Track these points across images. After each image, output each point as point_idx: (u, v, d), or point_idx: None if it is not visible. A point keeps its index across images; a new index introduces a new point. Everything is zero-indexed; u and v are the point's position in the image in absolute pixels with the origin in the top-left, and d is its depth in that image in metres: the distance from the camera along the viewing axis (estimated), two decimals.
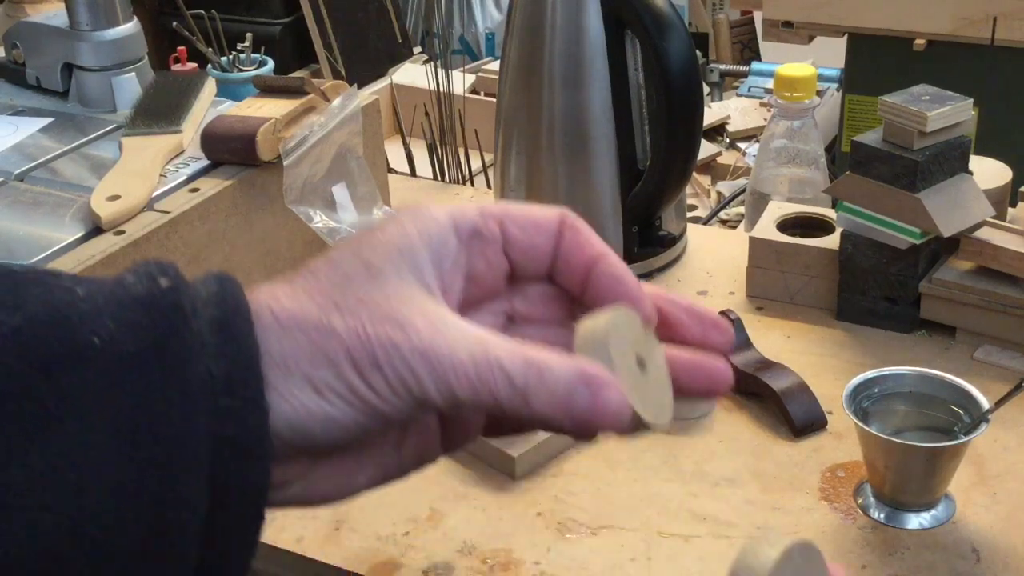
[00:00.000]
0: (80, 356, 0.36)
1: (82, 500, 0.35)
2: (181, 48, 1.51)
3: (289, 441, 0.40)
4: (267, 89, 1.09)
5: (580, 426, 0.41)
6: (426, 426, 0.47)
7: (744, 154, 1.66)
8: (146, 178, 0.98)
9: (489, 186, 1.38)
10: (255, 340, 0.39)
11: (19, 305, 0.37)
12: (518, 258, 0.47)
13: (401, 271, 0.42)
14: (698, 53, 1.08)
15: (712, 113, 1.77)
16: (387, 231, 0.43)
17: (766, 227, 1.05)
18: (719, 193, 1.53)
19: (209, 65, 1.51)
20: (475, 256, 0.46)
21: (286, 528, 0.81)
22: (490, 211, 0.46)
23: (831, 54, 1.77)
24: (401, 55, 1.81)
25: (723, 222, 1.44)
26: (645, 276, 1.10)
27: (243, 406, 0.38)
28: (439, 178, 1.39)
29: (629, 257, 1.08)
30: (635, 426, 0.42)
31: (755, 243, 1.04)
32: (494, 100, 1.15)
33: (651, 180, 1.04)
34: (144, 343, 0.37)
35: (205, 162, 1.02)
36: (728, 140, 1.72)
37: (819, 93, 1.68)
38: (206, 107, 1.13)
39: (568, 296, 0.47)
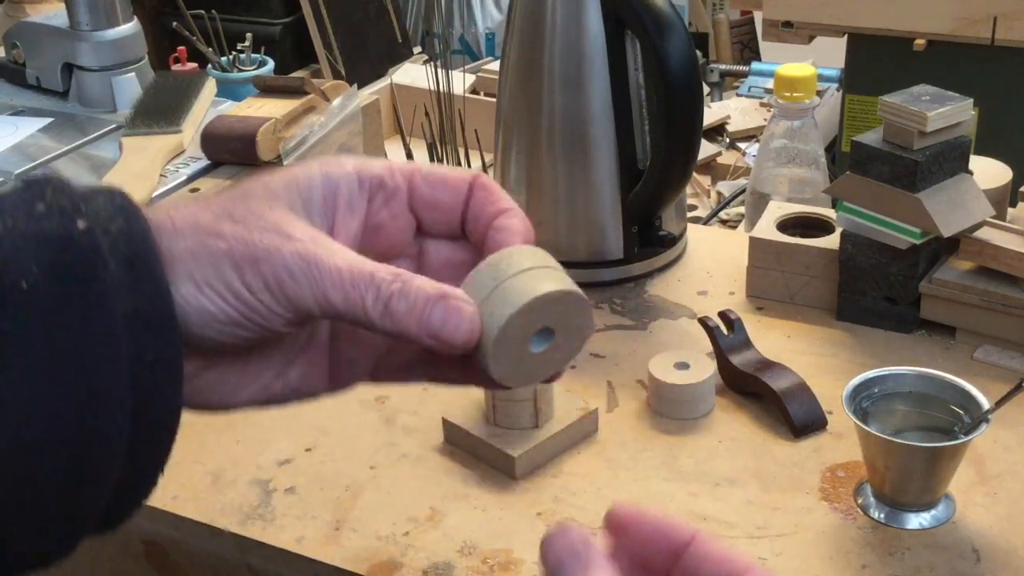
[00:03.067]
0: (10, 300, 0.39)
1: (22, 428, 0.39)
2: (181, 48, 1.51)
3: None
4: (267, 89, 1.09)
5: (433, 339, 0.45)
6: (311, 357, 0.50)
7: (744, 154, 1.66)
8: (146, 178, 0.98)
9: None
10: (164, 275, 0.42)
11: None
12: (424, 214, 0.50)
13: (294, 203, 0.46)
14: (698, 53, 1.08)
15: (712, 113, 1.76)
16: (295, 169, 0.47)
17: (766, 227, 1.05)
18: (719, 193, 1.53)
19: (209, 65, 1.51)
20: (378, 206, 0.49)
21: (286, 528, 0.81)
22: (400, 167, 0.49)
23: (831, 54, 1.77)
24: (401, 55, 1.81)
25: (723, 222, 1.44)
26: (645, 276, 1.10)
27: (159, 336, 0.42)
28: None
29: (629, 257, 1.08)
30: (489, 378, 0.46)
31: (755, 243, 1.04)
32: (494, 100, 1.15)
33: (651, 180, 1.04)
34: (68, 286, 0.40)
35: (205, 162, 1.02)
36: (728, 140, 1.72)
37: (819, 93, 1.68)
38: (206, 107, 1.13)
39: (473, 263, 0.50)
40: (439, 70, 1.35)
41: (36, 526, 0.41)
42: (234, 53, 1.51)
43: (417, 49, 1.88)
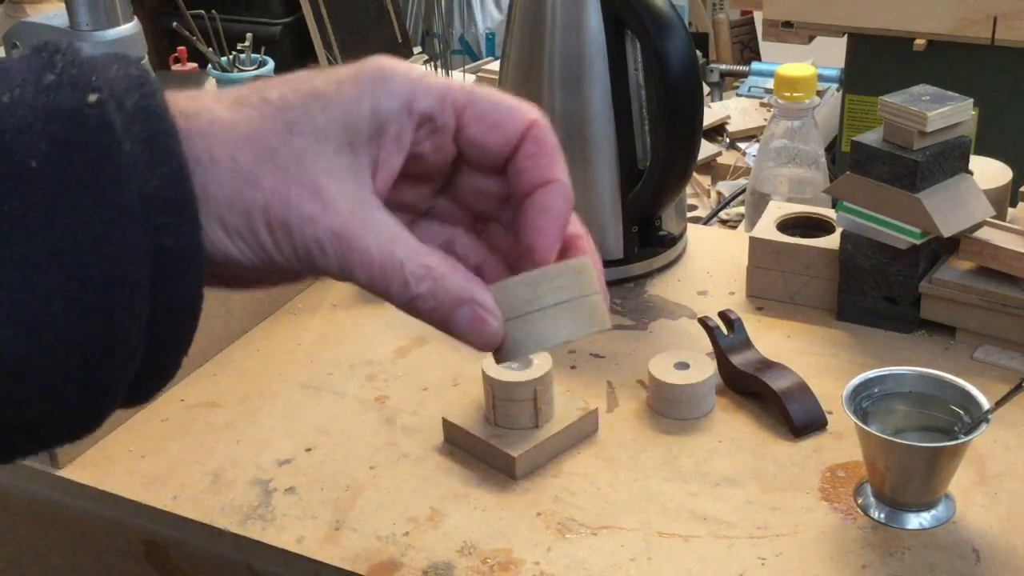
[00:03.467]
0: (19, 179, 0.38)
1: (38, 312, 0.37)
2: (181, 48, 1.51)
3: None
4: None
5: (451, 336, 0.45)
6: None
7: (744, 154, 1.66)
8: None
9: None
10: (182, 156, 0.41)
11: None
12: (468, 151, 0.48)
13: (340, 144, 0.45)
14: (698, 53, 1.08)
15: (712, 113, 1.77)
16: (346, 93, 0.45)
17: (766, 227, 1.05)
18: (719, 193, 1.53)
19: (209, 65, 1.51)
20: (423, 139, 0.47)
21: (286, 528, 0.81)
22: (454, 97, 0.47)
23: (831, 54, 1.77)
24: (401, 55, 1.81)
25: (723, 222, 1.44)
26: (645, 276, 1.10)
27: (178, 220, 0.40)
28: None
29: (629, 257, 1.08)
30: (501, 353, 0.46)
31: (755, 243, 1.04)
32: None
33: (651, 180, 1.04)
34: (78, 165, 0.38)
35: None
36: (728, 140, 1.72)
37: (819, 93, 1.68)
38: None
39: (504, 196, 0.49)
40: (439, 70, 1.35)
41: (57, 409, 0.40)
42: (234, 53, 1.51)
43: (417, 49, 1.88)
